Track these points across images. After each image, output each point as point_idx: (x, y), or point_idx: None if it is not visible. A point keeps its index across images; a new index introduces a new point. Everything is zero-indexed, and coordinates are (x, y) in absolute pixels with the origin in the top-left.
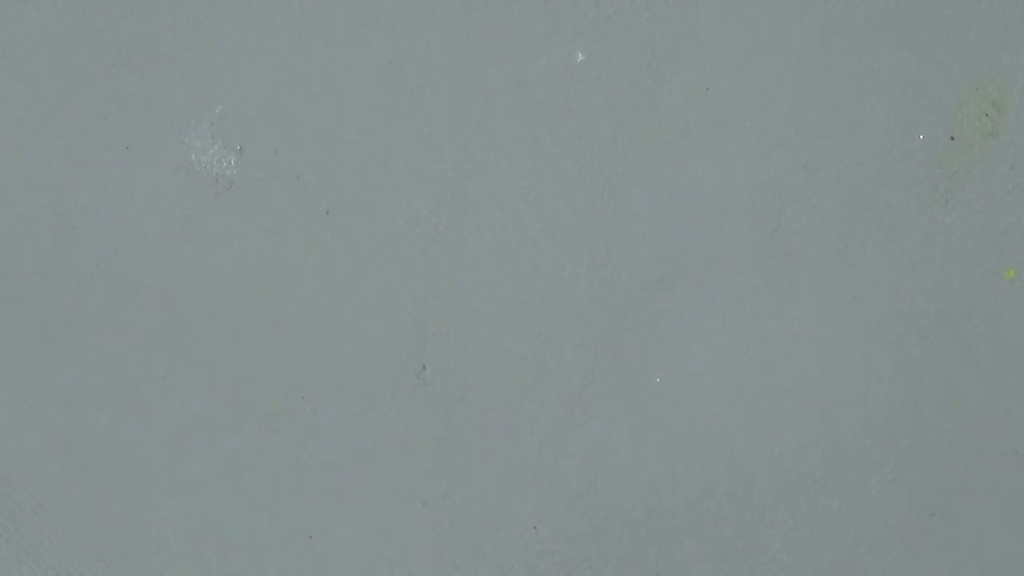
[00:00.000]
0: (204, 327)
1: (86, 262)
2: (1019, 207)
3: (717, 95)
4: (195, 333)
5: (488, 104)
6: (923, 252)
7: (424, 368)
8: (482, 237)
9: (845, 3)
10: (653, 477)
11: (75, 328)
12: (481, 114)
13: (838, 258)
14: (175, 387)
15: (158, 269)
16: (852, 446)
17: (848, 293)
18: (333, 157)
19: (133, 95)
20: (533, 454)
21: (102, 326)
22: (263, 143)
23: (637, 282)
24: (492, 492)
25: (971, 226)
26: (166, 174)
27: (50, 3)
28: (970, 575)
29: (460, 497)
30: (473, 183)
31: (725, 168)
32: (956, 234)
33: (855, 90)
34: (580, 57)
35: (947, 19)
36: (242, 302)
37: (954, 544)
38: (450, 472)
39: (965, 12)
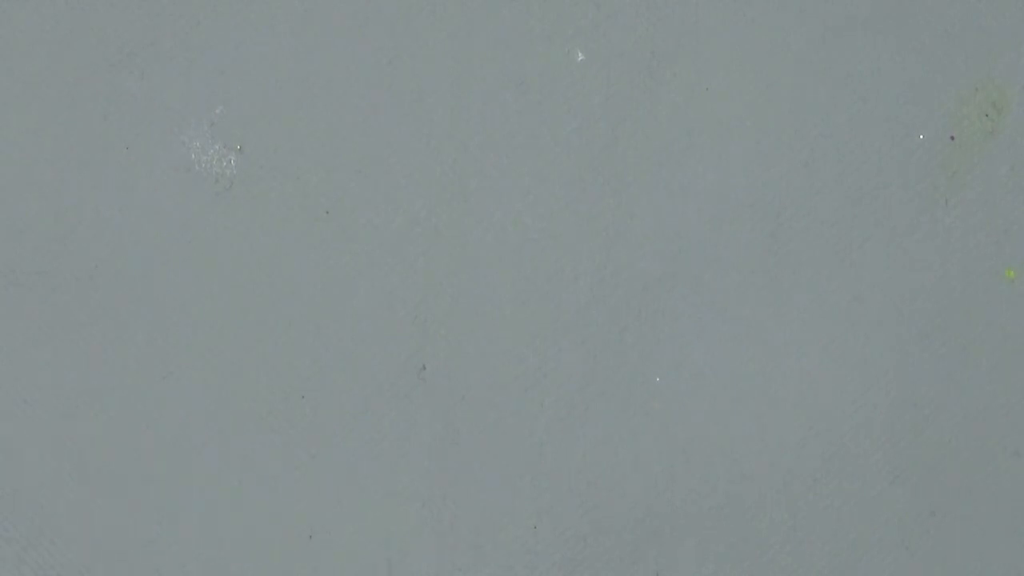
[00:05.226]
0: (204, 327)
1: (86, 262)
2: (1019, 207)
3: (717, 95)
4: (195, 333)
5: (488, 104)
6: (923, 252)
7: (424, 368)
8: (482, 237)
9: (845, 3)
10: (653, 477)
11: (75, 328)
12: (481, 114)
13: (838, 258)
14: (175, 387)
15: (158, 269)
16: (852, 446)
17: (848, 293)
18: (333, 157)
19: (133, 95)
20: (533, 454)
21: (102, 326)
22: (263, 143)
23: (637, 282)
24: (492, 492)
25: (971, 226)
26: (166, 174)
27: (50, 3)
28: (970, 575)
29: (460, 497)
30: (473, 183)
31: (725, 168)
32: (956, 234)
33: (855, 90)
34: (580, 57)
35: (947, 19)
36: (242, 302)
37: (954, 544)
38: (450, 472)
39: (965, 12)
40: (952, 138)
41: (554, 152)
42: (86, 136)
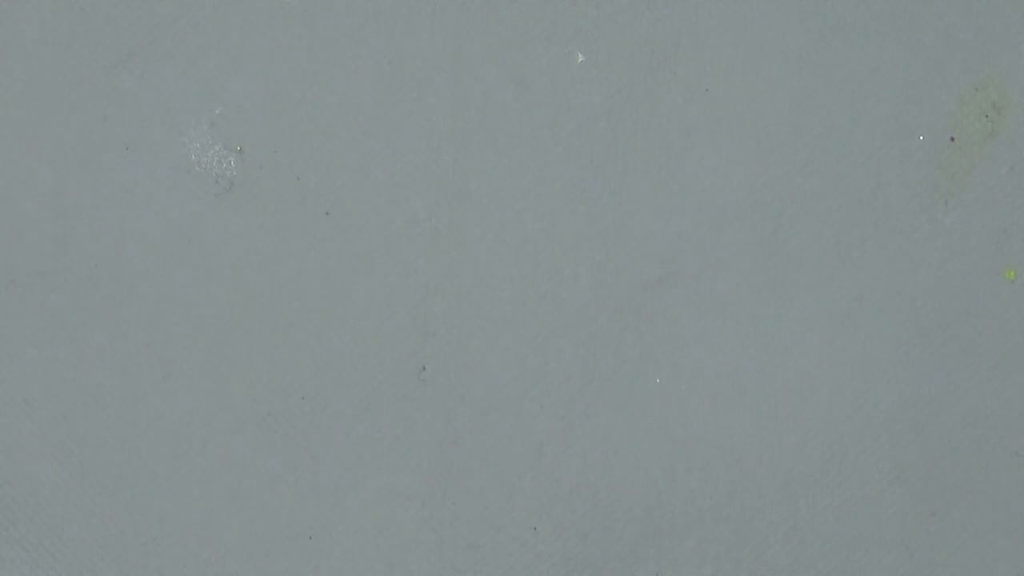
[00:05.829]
0: (204, 327)
1: (86, 262)
2: (1019, 207)
3: (717, 95)
4: (195, 333)
5: (488, 104)
6: (923, 252)
7: (424, 368)
8: (482, 237)
9: (845, 3)
10: (653, 477)
11: (75, 328)
12: (481, 114)
13: (838, 258)
14: (175, 387)
15: (158, 269)
16: (852, 446)
17: (848, 293)
18: (333, 157)
19: (133, 95)
20: (533, 454)
21: (102, 326)
22: (263, 143)
23: (637, 282)
24: (492, 492)
25: (971, 226)
26: (166, 174)
27: (50, 3)
28: (970, 575)
29: (460, 497)
30: (473, 183)
31: (725, 168)
32: (956, 234)
33: (855, 90)
34: (580, 57)
35: (947, 19)
36: (242, 302)
37: (954, 544)
38: (450, 472)
39: (965, 12)
40: (952, 138)
41: (554, 152)
42: (86, 136)
